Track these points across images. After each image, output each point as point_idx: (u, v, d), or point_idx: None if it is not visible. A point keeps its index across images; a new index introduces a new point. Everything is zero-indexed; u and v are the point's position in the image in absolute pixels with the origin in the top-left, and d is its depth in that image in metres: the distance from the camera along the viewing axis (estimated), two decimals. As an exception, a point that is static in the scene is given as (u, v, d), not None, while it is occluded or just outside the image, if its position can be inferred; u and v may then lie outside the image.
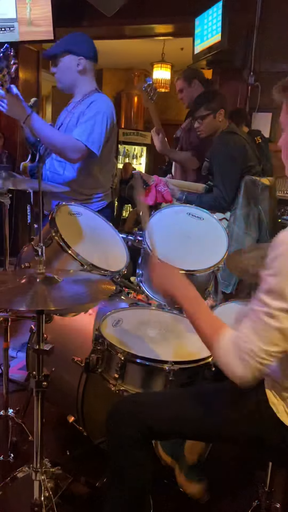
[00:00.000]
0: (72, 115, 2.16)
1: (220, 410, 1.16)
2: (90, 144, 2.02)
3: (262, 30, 3.45)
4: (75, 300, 1.20)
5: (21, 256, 1.91)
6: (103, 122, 2.06)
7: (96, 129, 2.04)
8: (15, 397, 2.00)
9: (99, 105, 2.09)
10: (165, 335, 1.61)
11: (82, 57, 2.13)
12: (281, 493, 1.54)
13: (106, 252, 1.83)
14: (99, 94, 2.19)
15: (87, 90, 2.18)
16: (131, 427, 1.13)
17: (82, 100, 2.17)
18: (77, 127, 2.06)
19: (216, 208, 2.46)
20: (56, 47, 2.15)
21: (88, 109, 2.08)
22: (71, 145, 2.01)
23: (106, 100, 2.16)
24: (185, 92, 3.20)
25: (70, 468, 1.56)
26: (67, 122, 2.18)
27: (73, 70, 2.14)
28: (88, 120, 2.05)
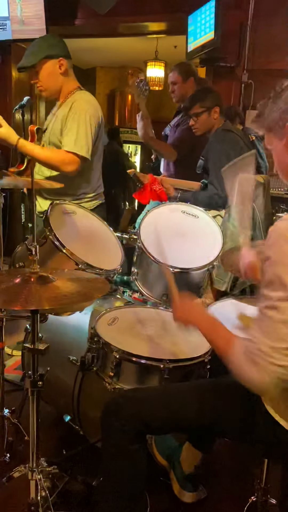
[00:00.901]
0: (56, 118, 2.14)
1: (213, 405, 1.16)
2: (79, 150, 2.01)
3: (255, 28, 3.45)
4: (70, 299, 1.19)
5: (15, 255, 1.90)
6: (87, 122, 2.03)
7: (81, 133, 2.02)
8: (10, 397, 2.00)
9: (81, 105, 2.06)
10: (160, 333, 1.62)
11: (62, 58, 2.09)
12: (277, 489, 1.55)
13: (101, 250, 1.83)
14: (82, 92, 2.16)
15: (69, 89, 2.15)
16: (125, 421, 1.14)
17: (65, 101, 2.14)
18: (64, 136, 2.05)
19: (211, 205, 2.47)
20: (33, 56, 2.08)
21: (70, 111, 2.06)
22: (62, 159, 2.01)
23: (88, 98, 2.13)
24: (178, 86, 3.18)
25: (67, 467, 1.56)
26: (52, 126, 2.16)
27: (56, 73, 2.10)
28: (72, 125, 2.03)
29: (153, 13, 3.85)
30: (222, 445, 1.85)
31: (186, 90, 3.18)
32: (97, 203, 2.24)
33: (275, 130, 1.09)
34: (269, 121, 1.09)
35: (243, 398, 1.14)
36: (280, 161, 1.12)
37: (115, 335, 1.52)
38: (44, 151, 2.05)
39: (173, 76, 3.21)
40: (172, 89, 3.23)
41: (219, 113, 2.63)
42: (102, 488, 1.37)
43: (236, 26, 3.49)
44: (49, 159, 2.01)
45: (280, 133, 1.08)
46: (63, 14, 4.02)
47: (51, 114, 2.25)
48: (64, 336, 1.78)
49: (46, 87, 2.14)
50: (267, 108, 1.10)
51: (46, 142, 2.18)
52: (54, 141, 2.12)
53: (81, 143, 2.01)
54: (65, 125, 2.05)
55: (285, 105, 1.06)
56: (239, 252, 1.55)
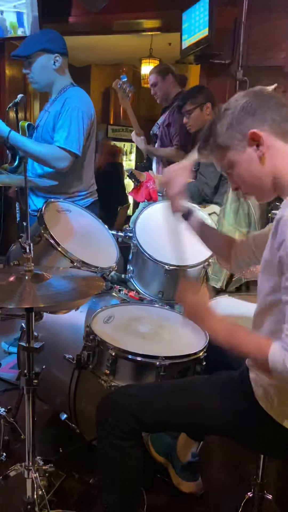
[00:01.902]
0: (48, 114, 2.13)
1: (208, 402, 1.16)
2: (70, 146, 2.00)
3: (250, 25, 3.44)
4: (65, 297, 1.19)
5: (9, 254, 1.90)
6: (79, 119, 2.03)
7: (72, 129, 2.01)
8: (6, 396, 2.00)
9: (73, 102, 2.05)
10: (156, 330, 1.62)
11: (58, 54, 2.08)
12: (273, 484, 1.56)
13: (96, 248, 1.83)
14: (74, 88, 2.15)
15: (62, 86, 2.15)
16: (119, 418, 1.14)
17: (58, 97, 2.13)
18: (55, 132, 2.04)
19: (200, 195, 2.47)
20: (29, 47, 2.06)
21: (63, 108, 2.05)
22: (53, 155, 2.00)
23: (80, 95, 2.12)
24: (159, 86, 3.24)
25: (63, 465, 1.56)
26: (44, 122, 2.15)
27: (50, 68, 2.09)
28: (64, 122, 2.02)
29: (147, 10, 3.84)
30: (218, 442, 1.86)
31: (166, 87, 3.24)
32: (90, 201, 2.24)
33: (234, 145, 1.07)
34: (224, 139, 1.07)
35: (238, 395, 1.14)
36: (248, 174, 1.08)
37: (110, 333, 1.52)
38: (35, 145, 2.04)
39: (152, 78, 3.29)
40: (154, 92, 3.32)
41: (212, 109, 2.64)
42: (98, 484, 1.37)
43: (231, 23, 3.48)
44: (40, 153, 2.00)
45: (240, 145, 1.06)
46: (57, 12, 3.99)
47: (44, 111, 2.24)
48: (59, 334, 1.78)
49: (37, 79, 2.13)
50: (214, 131, 1.08)
51: (38, 138, 2.16)
52: (46, 138, 2.10)
53: (73, 139, 2.00)
54: (58, 122, 2.04)
55: (231, 118, 1.05)
56: None
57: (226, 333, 1.09)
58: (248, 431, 1.15)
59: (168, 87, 3.23)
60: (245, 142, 1.05)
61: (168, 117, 3.25)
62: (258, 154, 1.05)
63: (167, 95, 3.29)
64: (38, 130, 2.17)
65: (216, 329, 1.11)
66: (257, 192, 1.13)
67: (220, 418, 1.15)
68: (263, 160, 1.05)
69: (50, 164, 2.02)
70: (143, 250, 1.82)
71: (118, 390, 1.32)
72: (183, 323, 1.22)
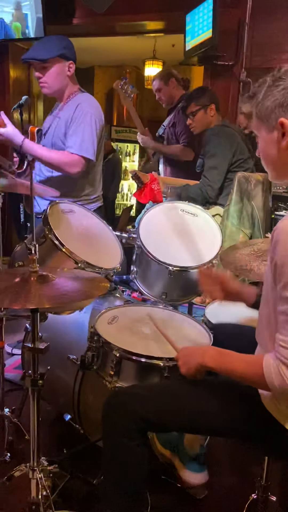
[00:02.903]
0: (59, 120, 2.14)
1: (213, 404, 1.16)
2: (85, 153, 2.02)
3: (253, 26, 3.45)
4: (69, 298, 1.19)
5: (14, 255, 1.90)
6: (92, 124, 2.05)
7: (86, 135, 2.03)
8: (10, 396, 2.00)
9: (85, 107, 2.07)
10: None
11: (72, 61, 2.11)
12: (277, 486, 1.55)
13: (100, 249, 1.83)
14: (84, 94, 2.18)
15: (71, 92, 2.17)
16: (125, 417, 1.14)
17: (67, 103, 2.15)
18: (69, 137, 2.05)
19: (203, 197, 2.48)
20: (47, 51, 2.07)
21: (76, 114, 2.06)
22: (67, 161, 2.02)
23: (92, 100, 2.15)
24: (163, 91, 3.32)
25: (67, 466, 1.56)
26: (54, 127, 2.15)
27: (64, 75, 2.12)
28: (78, 127, 2.04)
29: (151, 12, 3.85)
30: (222, 443, 1.86)
31: (170, 91, 3.30)
32: (97, 205, 2.26)
33: (265, 120, 1.08)
34: (261, 108, 1.08)
35: (243, 397, 1.14)
36: (265, 151, 1.12)
37: (115, 334, 1.52)
38: (49, 151, 2.06)
39: (155, 84, 3.36)
40: (159, 97, 3.39)
41: (216, 110, 2.65)
42: (103, 484, 1.37)
43: (234, 24, 3.49)
44: (54, 160, 2.02)
45: (270, 125, 1.07)
46: (61, 13, 4.01)
47: (52, 116, 2.25)
48: (64, 335, 1.78)
49: (51, 85, 2.13)
50: (261, 93, 1.08)
51: (48, 144, 2.17)
52: (57, 144, 2.12)
53: (87, 145, 2.03)
54: (70, 127, 2.06)
55: (282, 98, 1.04)
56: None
57: (216, 359, 1.12)
58: (253, 433, 1.15)
59: (172, 90, 3.29)
60: (275, 125, 1.06)
61: (173, 117, 3.28)
62: (281, 141, 1.06)
63: (172, 99, 3.33)
64: (47, 136, 2.18)
65: (205, 359, 1.14)
66: (270, 171, 1.15)
67: (225, 419, 1.15)
68: (282, 148, 1.07)
69: (63, 170, 2.05)
70: (147, 251, 1.82)
71: (124, 389, 1.32)
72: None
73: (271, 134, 1.08)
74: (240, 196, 2.47)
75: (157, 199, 2.43)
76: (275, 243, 0.99)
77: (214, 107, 2.64)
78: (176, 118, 3.25)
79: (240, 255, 1.58)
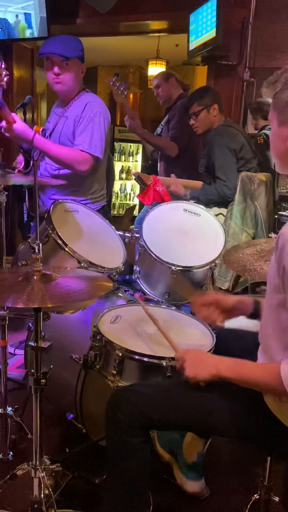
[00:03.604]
0: (66, 119, 2.15)
1: (216, 403, 1.16)
2: (94, 151, 2.03)
3: (257, 26, 3.44)
4: (72, 298, 1.19)
5: (18, 254, 1.91)
6: (101, 123, 2.07)
7: (95, 133, 2.05)
8: (13, 395, 2.00)
9: (94, 107, 2.09)
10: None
11: (84, 64, 2.15)
12: (280, 487, 1.55)
13: (103, 249, 1.83)
14: (90, 94, 2.19)
15: (77, 91, 2.18)
16: (128, 415, 1.14)
17: (72, 103, 2.16)
18: (78, 135, 2.06)
19: (221, 198, 2.47)
20: (71, 50, 2.06)
21: (84, 112, 2.08)
22: (77, 158, 2.03)
23: (99, 100, 2.17)
24: (162, 87, 3.34)
25: (70, 465, 1.56)
26: (61, 127, 2.15)
27: (79, 76, 2.14)
28: (87, 125, 2.05)
29: (154, 12, 3.85)
30: (225, 443, 1.86)
31: (169, 89, 3.33)
32: (104, 203, 2.27)
33: (279, 112, 1.08)
34: (278, 99, 1.08)
35: (246, 397, 1.14)
36: (274, 142, 1.12)
37: (117, 333, 1.52)
38: (59, 147, 2.06)
39: (156, 80, 3.39)
40: (157, 93, 3.42)
41: (218, 110, 2.64)
42: (106, 482, 1.37)
43: (238, 24, 3.48)
44: (64, 156, 2.02)
45: (282, 119, 1.07)
46: (64, 13, 4.02)
47: (56, 115, 2.25)
48: (66, 334, 1.78)
49: (67, 83, 2.12)
50: (281, 84, 1.07)
51: (55, 143, 2.17)
52: (65, 142, 2.12)
53: (96, 143, 2.04)
54: (79, 126, 2.07)
55: None
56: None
57: (232, 369, 1.11)
58: (256, 433, 1.15)
59: (171, 88, 3.33)
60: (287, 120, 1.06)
61: (169, 115, 3.30)
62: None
63: (170, 96, 3.36)
64: (54, 135, 2.18)
65: (220, 368, 1.13)
66: (276, 161, 1.16)
67: (227, 419, 1.15)
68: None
69: (72, 167, 2.05)
70: (150, 251, 1.82)
71: (128, 387, 1.32)
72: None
73: (281, 128, 1.08)
74: (244, 196, 2.47)
75: (164, 199, 2.42)
76: (282, 248, 0.99)
77: (217, 107, 2.63)
78: (170, 116, 3.27)
79: (243, 255, 1.58)
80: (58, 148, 2.06)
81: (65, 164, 2.05)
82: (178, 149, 3.10)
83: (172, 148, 3.13)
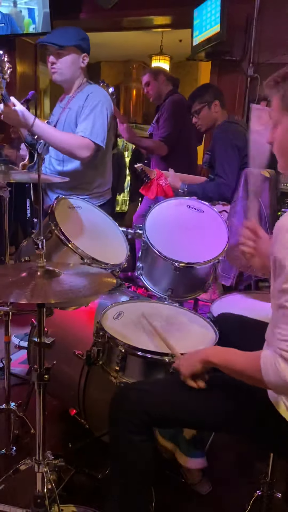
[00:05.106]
0: (69, 110, 2.14)
1: (219, 400, 1.16)
2: (95, 138, 2.01)
3: (261, 21, 3.43)
4: (75, 294, 1.19)
5: (21, 250, 1.91)
6: (103, 112, 2.05)
7: (97, 121, 2.03)
8: (16, 390, 2.01)
9: (96, 96, 2.08)
10: (165, 327, 1.61)
11: (86, 54, 2.13)
12: (282, 483, 1.55)
13: (106, 245, 1.83)
14: (93, 85, 2.18)
15: (79, 83, 2.18)
16: (131, 412, 1.15)
17: (76, 94, 2.15)
18: (80, 123, 2.05)
19: (220, 196, 2.46)
20: (65, 39, 2.07)
21: (87, 102, 2.07)
22: (78, 144, 2.00)
23: (101, 90, 2.16)
24: (152, 85, 3.33)
25: (72, 460, 1.57)
26: (64, 118, 2.15)
27: (77, 66, 2.12)
28: (89, 114, 2.04)
29: (158, 7, 3.83)
30: (227, 440, 1.86)
31: (159, 87, 3.35)
32: (108, 197, 2.26)
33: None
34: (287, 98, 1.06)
35: (249, 394, 1.14)
36: (283, 141, 1.10)
37: (120, 330, 1.52)
38: (60, 133, 2.05)
39: (145, 78, 3.37)
40: (147, 91, 3.41)
41: (220, 106, 2.62)
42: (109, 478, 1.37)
43: (242, 19, 3.47)
44: (64, 141, 2.00)
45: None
46: (68, 8, 4.01)
47: (59, 108, 2.24)
48: (69, 330, 1.78)
49: (63, 72, 2.11)
50: (286, 83, 1.06)
51: None
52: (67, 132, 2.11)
53: (98, 131, 2.02)
54: (81, 115, 2.06)
55: None
56: None
57: (219, 355, 1.15)
58: (258, 430, 1.15)
59: (160, 86, 3.34)
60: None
61: (159, 113, 3.30)
62: None
63: (160, 94, 3.36)
64: (58, 127, 2.17)
65: (209, 354, 1.17)
66: (282, 161, 1.14)
67: (230, 416, 1.15)
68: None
69: (72, 153, 2.02)
70: (153, 247, 1.82)
71: (131, 385, 1.33)
72: None
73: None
74: (247, 193, 2.46)
75: (168, 194, 2.41)
76: (275, 239, 1.00)
77: (218, 103, 2.61)
78: (160, 114, 3.27)
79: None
80: (60, 133, 2.04)
81: (65, 150, 2.02)
82: (168, 147, 3.12)
83: (160, 148, 3.15)
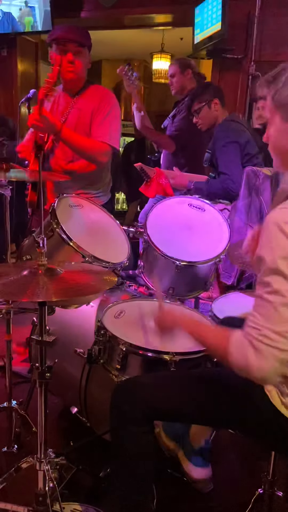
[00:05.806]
0: (79, 111, 2.13)
1: (219, 395, 1.16)
2: (113, 143, 2.05)
3: (263, 19, 3.41)
4: (77, 292, 1.20)
5: (22, 248, 1.91)
6: (117, 116, 2.10)
7: (113, 126, 2.06)
8: (18, 389, 2.02)
9: (110, 99, 2.11)
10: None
11: (90, 55, 2.15)
12: (284, 481, 1.55)
13: (108, 244, 1.83)
14: (101, 87, 2.22)
15: (82, 82, 2.17)
16: (133, 405, 1.15)
17: (82, 93, 2.15)
18: (96, 128, 2.07)
19: (225, 192, 2.46)
20: (85, 38, 2.07)
21: (101, 105, 2.08)
22: (99, 149, 2.03)
23: (111, 93, 2.19)
24: (177, 78, 3.25)
25: (74, 458, 1.57)
26: (76, 119, 2.13)
27: (86, 66, 2.13)
28: (105, 118, 2.06)
29: (159, 5, 3.82)
30: (228, 437, 1.86)
31: (184, 81, 3.25)
32: (109, 196, 2.30)
33: (282, 108, 1.06)
34: (280, 95, 1.05)
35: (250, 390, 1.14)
36: (276, 139, 1.10)
37: (121, 328, 1.52)
38: (84, 139, 2.06)
39: (172, 68, 3.29)
40: (171, 82, 3.33)
41: (220, 104, 2.62)
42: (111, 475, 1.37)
43: (244, 17, 3.45)
44: (88, 148, 2.03)
45: (286, 114, 1.05)
46: (69, 6, 4.00)
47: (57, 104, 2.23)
48: (70, 328, 1.78)
49: (79, 71, 2.10)
50: (282, 79, 1.05)
51: None
52: (81, 135, 2.11)
53: (115, 136, 2.06)
54: (96, 118, 2.07)
55: None
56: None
57: (190, 326, 1.17)
58: (260, 427, 1.15)
59: (185, 81, 3.24)
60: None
61: (176, 109, 3.28)
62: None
63: (183, 89, 3.28)
64: (68, 127, 2.16)
65: (182, 322, 1.20)
66: (276, 159, 1.14)
67: (231, 412, 1.15)
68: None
69: (94, 158, 2.06)
70: (154, 246, 1.81)
71: (133, 378, 1.33)
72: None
73: (286, 124, 1.06)
74: (249, 191, 2.45)
75: (167, 193, 2.41)
76: (261, 233, 1.00)
77: (218, 101, 2.60)
78: (177, 110, 3.24)
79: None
80: (84, 139, 2.05)
81: (87, 155, 2.05)
82: (176, 145, 3.10)
83: (169, 144, 3.13)
